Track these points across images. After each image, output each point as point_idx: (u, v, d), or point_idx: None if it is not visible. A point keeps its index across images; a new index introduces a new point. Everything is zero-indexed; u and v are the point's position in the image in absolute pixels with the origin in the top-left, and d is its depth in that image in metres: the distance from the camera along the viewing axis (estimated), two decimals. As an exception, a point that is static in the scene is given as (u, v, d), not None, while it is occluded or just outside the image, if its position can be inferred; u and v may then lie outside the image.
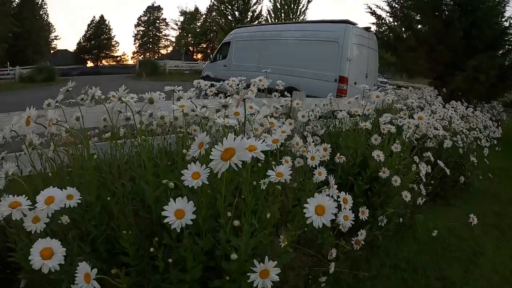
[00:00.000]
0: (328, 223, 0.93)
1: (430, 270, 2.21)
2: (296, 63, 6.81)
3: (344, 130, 2.68)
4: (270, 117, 1.92)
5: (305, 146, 1.80)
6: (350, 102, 2.55)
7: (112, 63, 35.84)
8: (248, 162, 1.04)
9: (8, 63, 17.69)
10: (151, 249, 1.03)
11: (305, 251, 1.81)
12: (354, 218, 1.49)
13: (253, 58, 7.76)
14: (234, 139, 0.88)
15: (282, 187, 1.63)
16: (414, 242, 2.53)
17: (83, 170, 1.20)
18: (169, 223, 0.91)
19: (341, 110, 2.67)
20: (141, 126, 1.44)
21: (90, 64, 35.57)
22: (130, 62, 36.14)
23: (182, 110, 1.34)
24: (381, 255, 2.25)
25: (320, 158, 1.82)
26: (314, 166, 1.61)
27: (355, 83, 6.17)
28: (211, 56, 9.74)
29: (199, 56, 34.93)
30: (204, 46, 36.33)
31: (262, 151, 0.90)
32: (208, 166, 0.90)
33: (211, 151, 0.88)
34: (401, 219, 2.26)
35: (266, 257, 0.97)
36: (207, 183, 0.99)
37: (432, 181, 2.81)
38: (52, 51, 33.35)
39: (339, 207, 1.46)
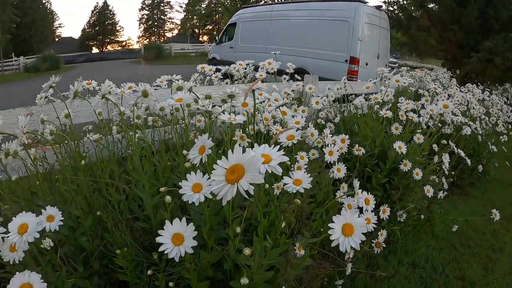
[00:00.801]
0: (357, 246, 0.76)
1: (449, 269, 2.08)
2: (305, 44, 6.53)
3: (359, 116, 2.48)
4: (282, 106, 1.75)
5: (321, 138, 1.63)
6: (369, 87, 2.35)
7: (117, 49, 35.38)
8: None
9: (13, 54, 17.55)
10: (149, 272, 0.88)
11: (320, 250, 1.67)
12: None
13: (260, 39, 7.46)
14: (244, 151, 0.68)
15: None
16: (432, 237, 2.39)
17: (73, 174, 1.03)
18: (165, 252, 0.75)
19: (356, 95, 2.47)
20: (138, 121, 1.26)
21: (95, 50, 35.23)
22: (136, 46, 35.66)
23: (181, 104, 1.15)
24: (398, 252, 2.11)
25: (338, 151, 1.65)
26: (332, 162, 1.44)
27: (366, 64, 5.91)
28: (217, 38, 9.41)
29: (205, 38, 34.31)
30: (210, 28, 35.64)
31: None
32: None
33: (213, 167, 0.69)
34: (422, 216, 2.10)
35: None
36: (211, 197, 0.81)
37: (453, 172, 2.64)
38: (56, 39, 33.06)
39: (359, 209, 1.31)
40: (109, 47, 36.41)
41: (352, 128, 2.43)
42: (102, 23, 35.86)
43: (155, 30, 38.14)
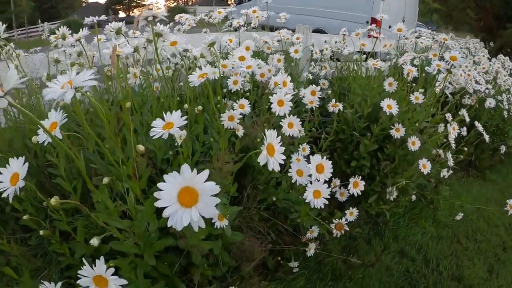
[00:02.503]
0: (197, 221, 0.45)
1: (445, 265, 1.69)
2: (323, 3, 5.98)
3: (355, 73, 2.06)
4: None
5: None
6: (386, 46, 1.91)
7: (144, 13, 35.29)
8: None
9: (39, 21, 17.71)
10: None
11: (279, 225, 1.35)
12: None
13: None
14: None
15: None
16: (433, 223, 2.00)
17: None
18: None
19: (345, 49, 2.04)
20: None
21: (122, 14, 35.09)
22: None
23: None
24: (386, 236, 1.75)
25: (308, 104, 1.29)
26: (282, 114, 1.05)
27: (389, 27, 5.32)
28: (236, -1, 8.89)
29: (232, 0, 33.32)
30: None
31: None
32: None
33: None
34: (413, 197, 1.71)
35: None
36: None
37: (466, 148, 2.20)
38: (83, 5, 33.06)
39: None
40: (136, 11, 36.21)
41: (349, 86, 2.03)
42: (129, -13, 35.66)
43: (182, -7, 37.75)
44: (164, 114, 0.66)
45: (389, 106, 1.46)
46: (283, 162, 0.71)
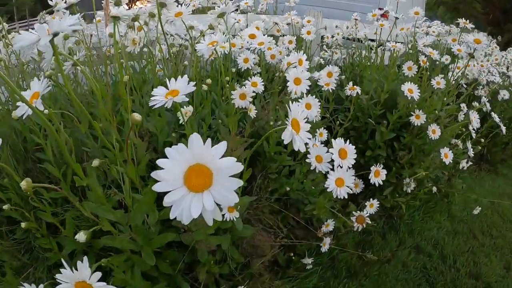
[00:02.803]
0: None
1: (462, 261, 1.59)
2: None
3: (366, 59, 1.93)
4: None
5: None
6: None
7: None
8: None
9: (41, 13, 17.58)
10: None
11: (290, 218, 1.24)
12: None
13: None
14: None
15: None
16: (448, 217, 1.89)
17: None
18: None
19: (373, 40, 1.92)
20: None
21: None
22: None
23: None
24: (401, 231, 1.65)
25: (324, 86, 1.17)
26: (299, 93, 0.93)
27: (396, 19, 5.18)
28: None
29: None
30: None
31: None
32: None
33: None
34: (434, 188, 1.61)
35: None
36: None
37: (482, 140, 2.10)
38: None
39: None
40: (138, 3, 35.87)
41: (362, 73, 1.91)
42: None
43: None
44: (167, 82, 0.54)
45: (410, 90, 1.34)
46: (309, 142, 0.59)
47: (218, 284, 0.99)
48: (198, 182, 0.33)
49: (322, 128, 1.07)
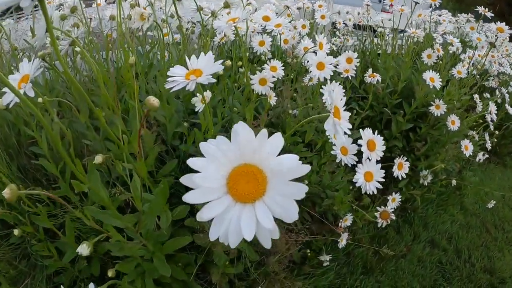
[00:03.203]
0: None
1: (477, 256, 1.55)
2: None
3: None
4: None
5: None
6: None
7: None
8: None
9: None
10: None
11: (304, 213, 1.17)
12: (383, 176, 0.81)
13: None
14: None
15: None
16: (461, 210, 1.84)
17: None
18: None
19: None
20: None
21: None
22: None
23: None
24: (416, 224, 1.59)
25: (343, 73, 1.09)
26: (322, 79, 0.85)
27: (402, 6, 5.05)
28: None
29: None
30: None
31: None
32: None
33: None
34: (454, 181, 1.54)
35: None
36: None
37: (496, 132, 2.03)
38: None
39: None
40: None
41: (373, 61, 1.82)
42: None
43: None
44: (187, 60, 0.45)
45: (432, 79, 1.26)
46: (349, 133, 0.51)
47: (232, 284, 0.92)
48: (248, 190, 0.25)
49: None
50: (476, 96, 1.87)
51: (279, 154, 0.26)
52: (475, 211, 1.89)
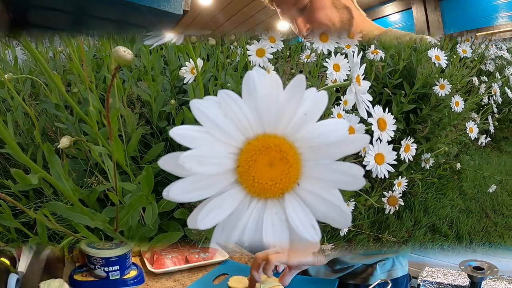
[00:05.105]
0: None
1: (478, 241, 1.53)
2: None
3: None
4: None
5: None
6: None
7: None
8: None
9: None
10: None
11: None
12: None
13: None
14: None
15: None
16: (460, 195, 1.80)
17: None
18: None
19: None
20: None
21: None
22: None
23: None
24: (416, 209, 1.54)
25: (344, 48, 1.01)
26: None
27: None
28: None
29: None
30: None
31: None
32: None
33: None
34: (458, 165, 1.50)
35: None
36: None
37: (496, 115, 1.99)
38: None
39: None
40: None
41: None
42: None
43: None
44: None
45: (438, 57, 1.18)
46: (369, 105, 0.43)
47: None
48: (271, 176, 0.16)
49: (342, 95, 0.92)
50: (474, 78, 1.82)
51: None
52: (474, 196, 1.86)
